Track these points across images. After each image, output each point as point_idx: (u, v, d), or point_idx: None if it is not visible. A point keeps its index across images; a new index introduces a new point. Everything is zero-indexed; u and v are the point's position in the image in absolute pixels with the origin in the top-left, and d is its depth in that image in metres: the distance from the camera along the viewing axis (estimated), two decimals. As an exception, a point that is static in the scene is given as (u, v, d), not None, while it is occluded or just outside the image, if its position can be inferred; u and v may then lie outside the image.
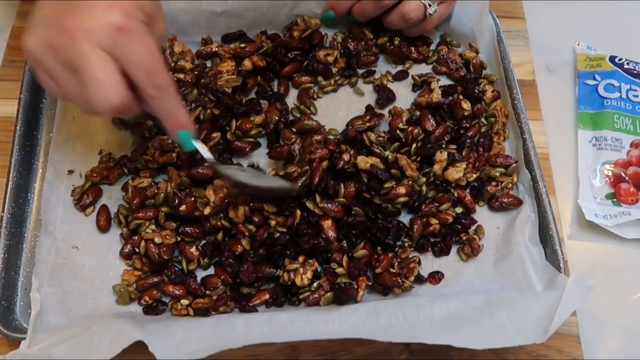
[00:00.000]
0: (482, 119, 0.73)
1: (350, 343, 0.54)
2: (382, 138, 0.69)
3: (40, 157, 0.68)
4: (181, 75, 0.71)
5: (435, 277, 0.64)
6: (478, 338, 0.53)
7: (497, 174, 0.68)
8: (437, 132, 0.69)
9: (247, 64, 0.72)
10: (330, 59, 0.74)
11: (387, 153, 0.68)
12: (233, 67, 0.70)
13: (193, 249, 0.62)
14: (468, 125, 0.71)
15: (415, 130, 0.68)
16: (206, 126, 0.67)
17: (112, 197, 0.67)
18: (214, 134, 0.67)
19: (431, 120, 0.69)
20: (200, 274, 0.63)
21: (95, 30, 0.50)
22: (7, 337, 0.58)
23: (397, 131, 0.69)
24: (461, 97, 0.72)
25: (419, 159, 0.68)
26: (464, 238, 0.66)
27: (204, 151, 0.60)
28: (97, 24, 0.50)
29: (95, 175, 0.66)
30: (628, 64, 0.80)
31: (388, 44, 0.76)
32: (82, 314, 0.60)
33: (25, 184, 0.65)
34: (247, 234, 0.63)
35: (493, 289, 0.63)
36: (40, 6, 0.53)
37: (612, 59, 0.80)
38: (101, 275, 0.62)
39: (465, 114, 0.71)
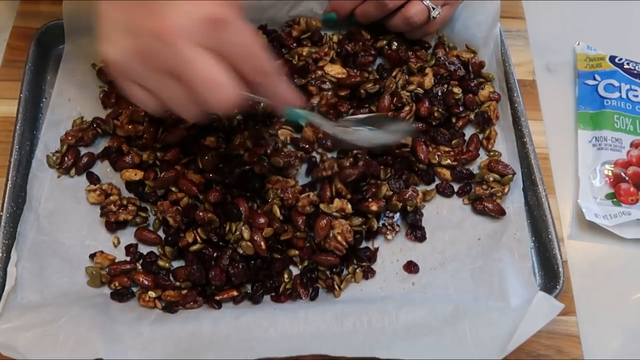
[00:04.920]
0: (471, 115, 0.72)
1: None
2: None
3: (40, 157, 0.68)
4: None
5: (410, 267, 0.64)
6: (436, 348, 0.54)
7: (491, 178, 0.68)
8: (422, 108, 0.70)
9: None
10: (328, 58, 0.73)
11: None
12: None
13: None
14: (458, 112, 0.71)
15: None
16: None
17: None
18: None
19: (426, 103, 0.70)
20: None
21: (190, 28, 0.45)
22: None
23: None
24: (455, 83, 0.72)
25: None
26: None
27: (317, 120, 0.61)
28: (191, 20, 0.45)
29: (70, 138, 0.67)
30: (628, 64, 0.80)
31: (386, 47, 0.75)
32: (56, 292, 0.60)
33: (24, 183, 0.65)
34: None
35: (467, 299, 0.61)
36: (105, 9, 0.48)
37: (612, 59, 0.80)
38: (79, 255, 0.63)
39: (457, 97, 0.71)
